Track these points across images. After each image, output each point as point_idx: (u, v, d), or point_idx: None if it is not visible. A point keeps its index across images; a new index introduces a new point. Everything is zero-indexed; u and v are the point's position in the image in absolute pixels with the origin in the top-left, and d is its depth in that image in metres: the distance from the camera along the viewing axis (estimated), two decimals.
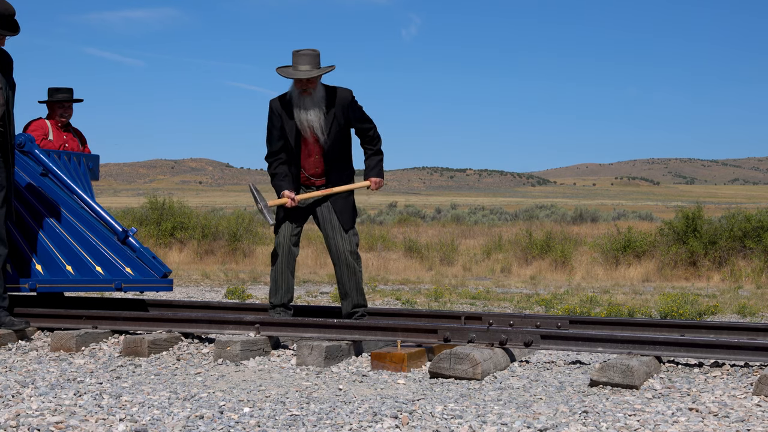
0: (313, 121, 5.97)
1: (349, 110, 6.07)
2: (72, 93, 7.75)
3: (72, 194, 6.94)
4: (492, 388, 4.35)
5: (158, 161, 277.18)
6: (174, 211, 21.28)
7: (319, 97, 5.99)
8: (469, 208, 49.70)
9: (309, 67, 5.92)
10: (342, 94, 6.07)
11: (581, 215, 35.93)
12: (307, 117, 5.97)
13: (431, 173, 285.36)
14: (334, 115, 6.02)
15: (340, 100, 6.04)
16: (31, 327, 5.95)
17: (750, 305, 10.13)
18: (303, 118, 5.97)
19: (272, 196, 6.17)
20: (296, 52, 5.97)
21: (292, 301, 6.15)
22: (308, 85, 5.95)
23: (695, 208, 17.56)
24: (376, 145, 6.22)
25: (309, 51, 5.96)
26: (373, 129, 6.20)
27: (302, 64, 5.93)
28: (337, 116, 6.03)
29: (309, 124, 5.98)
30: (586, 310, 9.29)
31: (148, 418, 3.56)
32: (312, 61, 5.94)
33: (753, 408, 3.82)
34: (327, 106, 6.01)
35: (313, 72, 5.92)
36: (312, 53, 5.95)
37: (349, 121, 6.09)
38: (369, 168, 6.23)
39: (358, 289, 6.10)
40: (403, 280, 14.89)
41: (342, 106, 6.04)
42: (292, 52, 5.99)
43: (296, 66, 5.96)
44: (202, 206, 42.01)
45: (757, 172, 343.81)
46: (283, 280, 6.04)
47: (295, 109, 5.99)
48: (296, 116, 5.99)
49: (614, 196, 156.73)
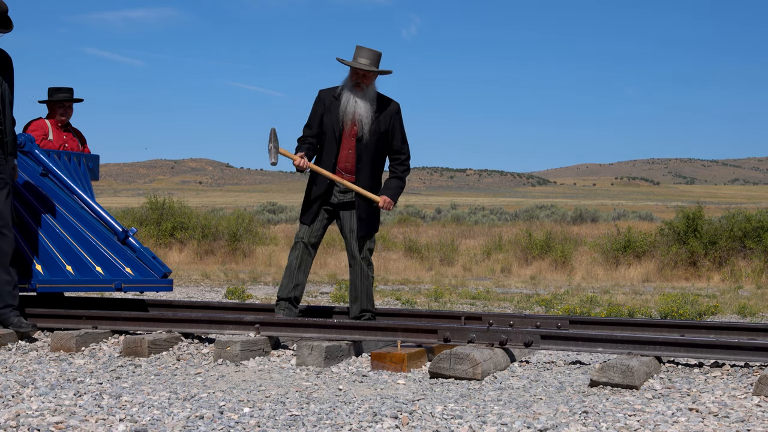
0: (361, 112, 6.03)
1: (393, 120, 6.15)
2: (72, 93, 7.75)
3: (72, 194, 6.94)
4: (492, 389, 4.35)
5: (158, 161, 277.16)
6: (174, 211, 21.28)
7: (371, 96, 6.08)
8: (469, 208, 49.70)
9: (369, 62, 6.03)
10: (392, 104, 6.17)
11: (581, 215, 35.93)
12: (356, 108, 6.03)
13: (431, 173, 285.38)
14: (378, 119, 6.09)
15: (389, 108, 6.15)
16: (36, 330, 5.94)
17: (750, 305, 10.13)
18: (351, 109, 6.03)
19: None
20: (360, 47, 6.08)
21: (300, 300, 6.16)
22: (364, 80, 6.04)
23: (695, 209, 17.56)
24: (403, 173, 6.27)
25: (372, 49, 6.08)
26: (406, 156, 6.26)
27: (363, 58, 6.04)
28: (381, 120, 6.10)
29: (357, 116, 6.03)
30: (586, 310, 9.29)
31: (148, 418, 3.56)
32: (373, 57, 6.05)
33: (753, 408, 3.82)
34: (377, 107, 6.10)
35: (372, 67, 6.02)
36: (375, 52, 6.07)
37: (389, 131, 6.15)
38: (387, 187, 6.22)
39: (367, 295, 6.13)
40: (403, 280, 14.89)
41: (389, 114, 6.14)
42: (356, 46, 6.11)
43: (357, 58, 6.06)
44: (202, 206, 42.01)
45: (757, 172, 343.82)
46: (294, 275, 6.08)
47: (344, 99, 6.06)
48: (344, 105, 6.05)
49: (614, 196, 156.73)
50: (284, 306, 6.06)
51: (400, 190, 6.23)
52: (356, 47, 6.11)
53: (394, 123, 6.16)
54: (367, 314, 6.13)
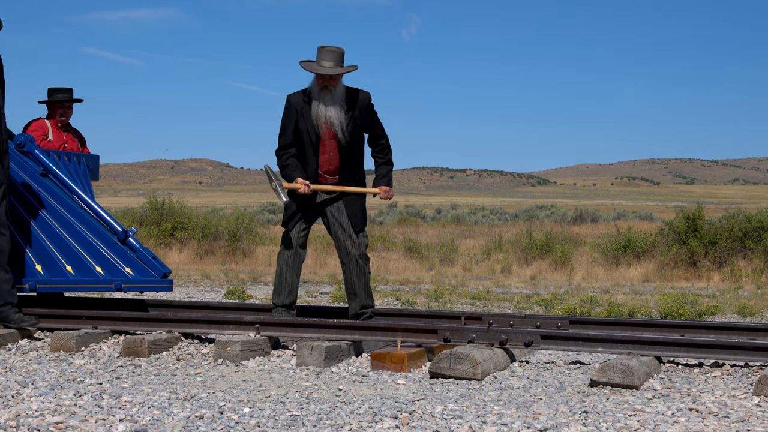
0: (333, 117, 5.95)
1: (366, 113, 6.07)
2: (72, 93, 7.75)
3: (72, 194, 6.94)
4: (492, 389, 4.35)
5: (158, 161, 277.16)
6: (174, 211, 21.28)
7: (339, 96, 5.97)
8: (469, 208, 49.70)
9: (332, 63, 5.92)
10: (362, 95, 6.07)
11: (581, 215, 35.92)
12: (327, 113, 5.94)
13: (431, 173, 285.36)
14: (353, 115, 6.01)
15: (360, 101, 6.04)
16: (38, 323, 5.95)
17: (750, 305, 10.13)
18: (322, 114, 5.95)
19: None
20: (321, 47, 5.94)
21: (295, 302, 6.14)
22: (330, 82, 5.94)
23: (695, 209, 17.56)
24: (387, 155, 6.24)
25: (334, 48, 5.94)
26: (386, 138, 6.23)
27: (326, 60, 5.92)
28: (355, 116, 6.02)
29: (328, 120, 5.95)
30: (586, 310, 9.29)
31: (148, 418, 3.56)
32: (336, 58, 5.93)
33: (753, 408, 3.82)
34: (347, 105, 6.00)
35: (337, 69, 5.90)
36: (337, 50, 5.93)
37: (365, 124, 6.09)
38: (380, 176, 6.22)
39: (366, 290, 6.09)
40: (403, 280, 14.89)
41: (361, 108, 6.04)
42: (317, 47, 5.96)
43: (320, 61, 5.93)
44: (202, 206, 42.01)
45: (757, 172, 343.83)
46: (287, 281, 6.03)
47: (314, 105, 5.97)
48: (314, 112, 5.96)
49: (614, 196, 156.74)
50: (281, 311, 6.05)
51: (391, 173, 6.27)
52: (318, 49, 5.97)
53: (368, 115, 6.08)
54: (368, 310, 6.11)
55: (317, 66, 5.92)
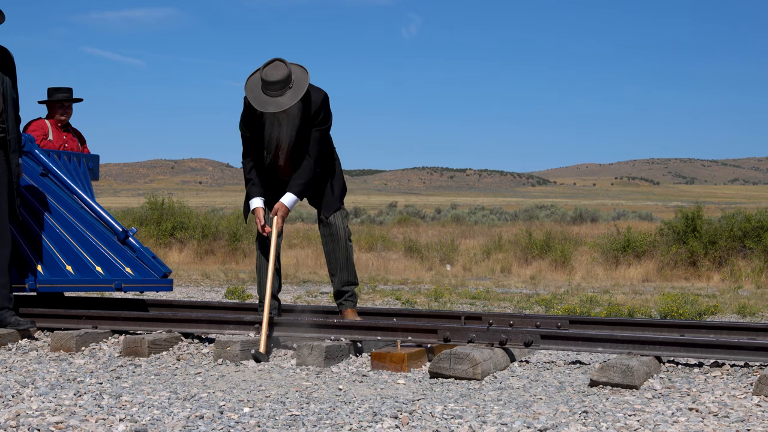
0: (283, 138, 5.62)
1: (316, 114, 5.63)
2: (71, 93, 7.75)
3: (72, 194, 6.94)
4: (492, 388, 4.35)
5: (158, 161, 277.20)
6: (174, 211, 21.29)
7: (294, 111, 5.56)
8: (469, 208, 49.70)
9: (280, 93, 5.44)
10: (316, 97, 5.63)
11: (581, 215, 35.94)
12: (279, 133, 5.61)
13: (431, 173, 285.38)
14: (307, 125, 5.63)
15: (313, 104, 5.61)
16: (35, 327, 5.95)
17: (750, 305, 10.13)
18: (274, 134, 5.63)
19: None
20: (265, 80, 5.43)
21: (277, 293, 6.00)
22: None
23: (695, 208, 17.57)
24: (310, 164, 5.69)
25: (278, 76, 5.43)
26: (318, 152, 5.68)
27: (273, 91, 5.45)
28: (308, 124, 5.63)
29: (278, 140, 5.64)
30: (586, 310, 9.29)
31: (148, 418, 3.56)
32: (285, 85, 5.45)
33: (753, 408, 3.82)
34: (302, 117, 5.61)
35: (287, 102, 5.45)
36: (282, 78, 5.42)
37: (312, 124, 5.66)
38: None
39: (348, 267, 5.86)
40: (403, 280, 14.89)
41: (314, 111, 5.62)
42: (261, 70, 5.48)
43: (267, 90, 5.46)
44: (202, 206, 42.02)
45: (756, 172, 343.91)
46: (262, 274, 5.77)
47: (267, 122, 5.60)
48: (266, 128, 5.61)
49: (614, 196, 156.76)
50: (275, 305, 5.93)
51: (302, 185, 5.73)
52: (261, 78, 5.43)
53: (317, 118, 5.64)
54: (350, 288, 5.88)
55: (264, 98, 5.46)
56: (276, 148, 5.71)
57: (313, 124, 5.67)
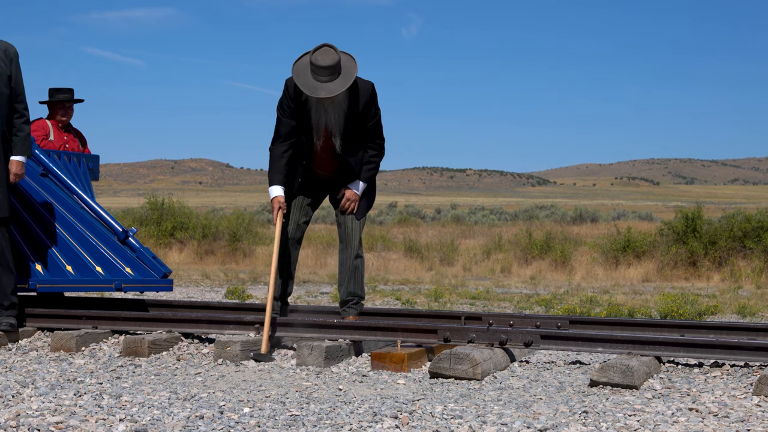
0: (332, 125, 5.57)
1: (367, 106, 5.61)
2: (73, 93, 7.75)
3: (72, 194, 6.94)
4: (492, 388, 4.35)
5: (158, 161, 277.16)
6: (174, 211, 21.30)
7: (341, 98, 5.51)
8: (469, 208, 49.70)
9: (329, 79, 5.41)
10: (363, 86, 5.59)
11: (581, 215, 35.94)
12: (327, 120, 5.56)
13: (431, 173, 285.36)
14: (353, 114, 5.58)
15: (361, 94, 5.58)
16: (19, 331, 5.90)
17: (750, 305, 10.13)
18: (322, 121, 5.56)
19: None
20: (315, 64, 5.40)
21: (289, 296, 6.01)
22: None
23: (695, 209, 17.57)
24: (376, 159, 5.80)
25: (329, 61, 5.39)
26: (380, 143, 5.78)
27: (323, 76, 5.41)
28: (355, 114, 5.58)
29: (327, 127, 5.58)
30: (586, 310, 9.29)
31: (148, 418, 3.56)
32: (335, 71, 5.41)
33: (753, 408, 3.82)
34: (349, 105, 5.56)
35: (337, 89, 5.41)
36: (333, 64, 5.39)
37: (365, 118, 5.64)
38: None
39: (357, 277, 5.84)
40: (403, 280, 14.89)
41: (363, 102, 5.59)
42: (311, 54, 5.44)
43: (316, 75, 5.42)
44: (202, 206, 42.02)
45: (756, 172, 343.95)
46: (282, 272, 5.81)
47: (312, 108, 5.54)
48: (313, 115, 5.57)
49: (614, 196, 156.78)
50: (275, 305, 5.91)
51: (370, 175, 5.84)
52: (311, 62, 5.40)
53: (368, 109, 5.63)
54: (354, 298, 5.85)
55: (313, 83, 5.42)
56: (325, 135, 5.64)
57: (367, 115, 5.66)
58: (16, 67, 5.87)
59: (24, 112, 5.88)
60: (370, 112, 5.67)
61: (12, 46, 5.90)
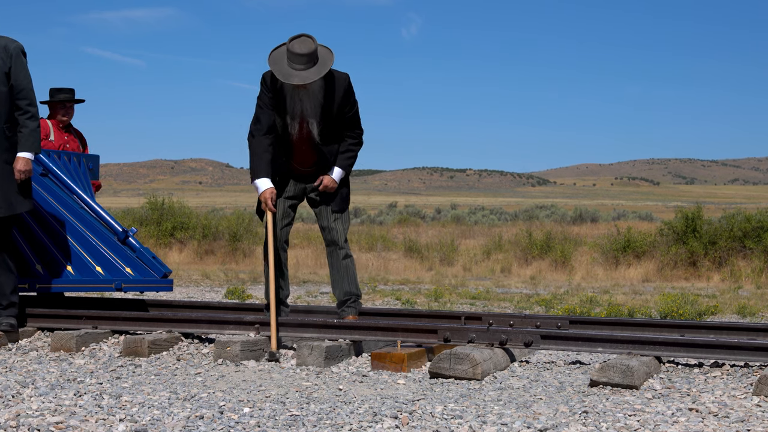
0: (308, 113, 5.58)
1: (344, 97, 5.63)
2: (73, 93, 7.75)
3: (72, 194, 6.94)
4: (492, 388, 4.35)
5: (158, 161, 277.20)
6: (174, 211, 21.29)
7: (316, 88, 5.53)
8: (469, 208, 49.71)
9: (304, 67, 5.45)
10: (339, 77, 5.62)
11: (581, 215, 35.93)
12: (302, 107, 5.57)
13: (431, 173, 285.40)
14: (329, 105, 5.58)
15: (337, 85, 5.59)
16: (19, 331, 5.90)
17: (750, 305, 10.13)
18: (297, 109, 5.57)
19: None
20: (292, 52, 5.45)
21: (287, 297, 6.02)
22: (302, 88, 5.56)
23: (695, 209, 17.57)
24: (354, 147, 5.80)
25: (305, 49, 5.44)
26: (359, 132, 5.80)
27: (299, 64, 5.46)
28: (331, 105, 5.59)
29: (303, 114, 5.58)
30: (586, 310, 9.29)
31: (148, 418, 3.56)
32: (310, 60, 5.46)
33: (753, 408, 3.82)
34: (324, 96, 5.57)
35: (311, 76, 5.45)
36: (309, 52, 5.44)
37: (342, 109, 5.65)
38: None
39: (350, 276, 5.82)
40: (403, 280, 14.89)
41: (339, 93, 5.60)
42: (288, 43, 5.48)
43: (292, 63, 5.47)
44: (202, 206, 42.03)
45: (756, 172, 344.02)
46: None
47: (288, 96, 5.55)
48: (288, 103, 5.57)
49: (614, 196, 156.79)
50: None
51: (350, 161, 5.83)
52: (288, 50, 5.45)
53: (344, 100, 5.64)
54: (352, 296, 5.83)
55: (289, 70, 5.45)
56: (300, 122, 5.63)
57: (345, 106, 5.67)
58: (17, 63, 5.81)
59: (28, 108, 5.79)
60: (347, 103, 5.69)
61: (14, 42, 5.86)
